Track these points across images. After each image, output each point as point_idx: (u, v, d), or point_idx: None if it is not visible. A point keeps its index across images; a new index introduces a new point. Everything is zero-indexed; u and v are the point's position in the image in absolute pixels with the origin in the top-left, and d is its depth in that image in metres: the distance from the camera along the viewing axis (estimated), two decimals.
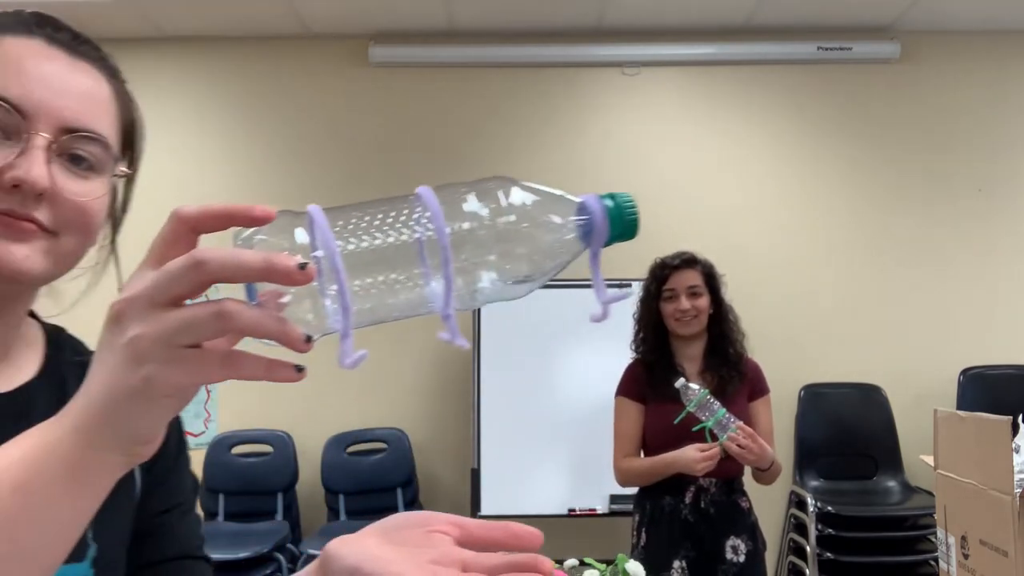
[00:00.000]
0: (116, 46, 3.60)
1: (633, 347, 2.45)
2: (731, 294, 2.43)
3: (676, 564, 2.25)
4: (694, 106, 4.17)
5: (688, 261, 2.37)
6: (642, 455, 2.39)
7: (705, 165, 4.14)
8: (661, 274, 2.37)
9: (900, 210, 4.12)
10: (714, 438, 2.17)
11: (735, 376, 2.36)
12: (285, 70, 4.19)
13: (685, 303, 2.33)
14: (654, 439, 2.36)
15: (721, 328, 2.39)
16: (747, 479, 2.43)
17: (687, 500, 2.29)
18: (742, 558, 2.28)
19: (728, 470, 2.28)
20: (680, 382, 2.17)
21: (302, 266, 0.49)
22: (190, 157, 4.15)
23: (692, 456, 2.18)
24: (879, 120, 4.15)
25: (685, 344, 2.39)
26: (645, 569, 1.81)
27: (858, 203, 4.12)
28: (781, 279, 4.09)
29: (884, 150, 4.14)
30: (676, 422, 2.20)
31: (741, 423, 2.15)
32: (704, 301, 2.35)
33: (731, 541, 2.29)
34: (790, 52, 4.10)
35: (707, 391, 2.16)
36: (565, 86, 4.16)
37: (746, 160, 4.14)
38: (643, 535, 2.37)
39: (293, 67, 4.18)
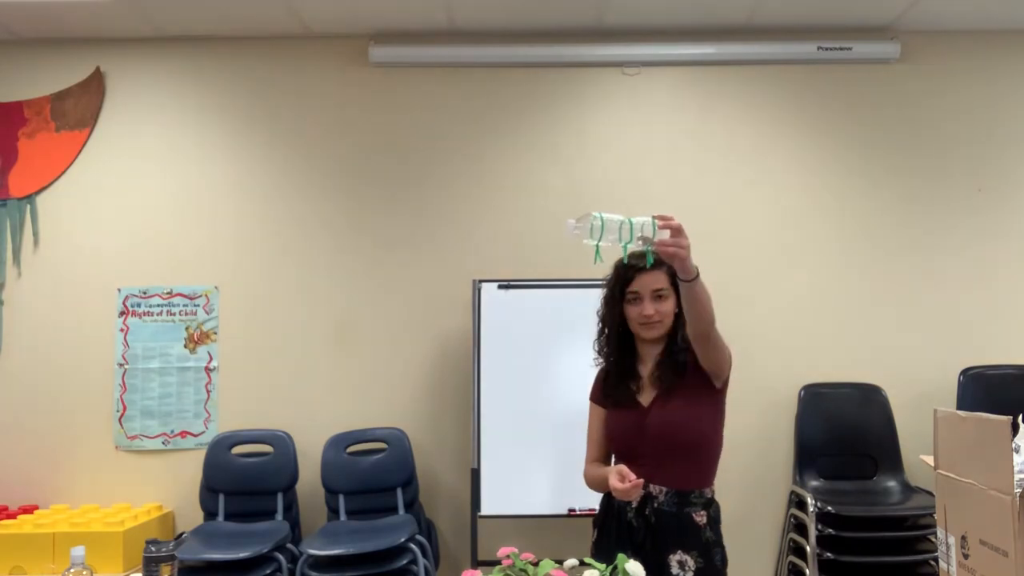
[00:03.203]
0: (116, 46, 3.67)
1: (596, 348, 2.36)
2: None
3: None
4: (694, 106, 4.17)
5: (654, 262, 2.20)
6: (614, 459, 2.33)
7: (705, 165, 4.13)
8: (625, 276, 2.25)
9: (900, 209, 4.12)
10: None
11: (672, 367, 2.23)
12: (285, 70, 4.19)
13: (649, 308, 2.22)
14: (609, 444, 2.33)
15: (679, 326, 2.25)
16: (729, 501, 2.35)
17: (633, 504, 2.21)
18: (690, 574, 2.16)
19: (681, 481, 2.20)
20: (568, 223, 1.84)
21: None
22: (190, 156, 4.15)
23: (611, 482, 2.12)
24: (879, 120, 4.15)
25: (650, 345, 2.30)
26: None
27: (858, 203, 4.12)
28: (781, 279, 4.09)
29: (884, 150, 4.14)
30: (595, 263, 1.95)
31: (656, 220, 1.86)
32: (669, 304, 2.24)
33: (678, 556, 2.17)
34: (790, 52, 4.10)
35: (596, 214, 1.81)
36: (565, 86, 4.16)
37: (746, 160, 4.14)
38: (596, 532, 2.34)
39: (293, 67, 4.18)
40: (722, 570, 2.22)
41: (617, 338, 2.31)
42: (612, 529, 2.26)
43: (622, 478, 2.10)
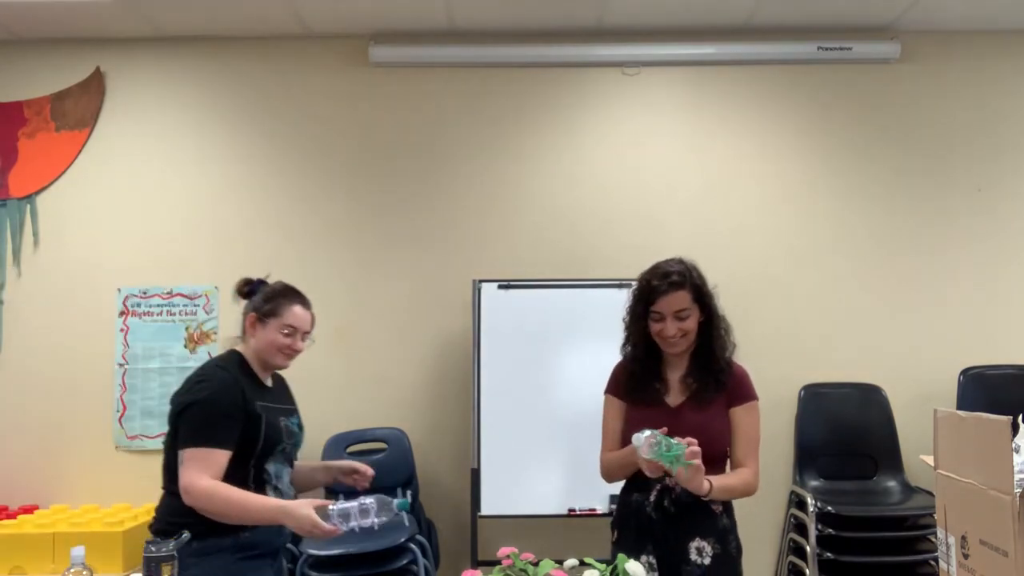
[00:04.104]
0: (116, 46, 3.67)
1: (622, 354, 2.43)
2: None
3: (643, 559, 2.23)
4: (694, 106, 4.17)
5: (675, 284, 2.28)
6: None
7: (706, 165, 4.13)
8: (649, 296, 2.31)
9: (900, 210, 4.12)
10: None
11: (712, 384, 2.32)
12: (285, 70, 4.19)
13: (671, 328, 2.28)
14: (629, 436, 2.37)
15: (708, 338, 2.34)
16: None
17: (651, 498, 2.27)
18: (707, 560, 2.24)
19: None
20: (635, 437, 2.07)
21: None
22: (190, 156, 4.15)
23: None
24: (879, 120, 4.15)
25: (675, 355, 2.38)
26: None
27: (858, 202, 4.12)
28: (781, 279, 4.09)
29: (884, 150, 4.14)
30: (651, 474, 2.13)
31: (694, 449, 2.07)
32: (691, 322, 2.30)
33: (696, 543, 2.24)
34: (790, 52, 4.10)
35: (661, 438, 2.06)
36: (565, 86, 4.16)
37: (746, 160, 4.13)
38: (615, 531, 2.39)
39: (293, 67, 4.18)
40: (736, 558, 2.31)
41: (642, 349, 2.38)
42: (632, 527, 2.31)
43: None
